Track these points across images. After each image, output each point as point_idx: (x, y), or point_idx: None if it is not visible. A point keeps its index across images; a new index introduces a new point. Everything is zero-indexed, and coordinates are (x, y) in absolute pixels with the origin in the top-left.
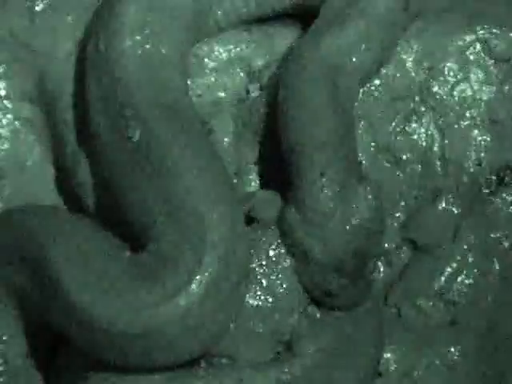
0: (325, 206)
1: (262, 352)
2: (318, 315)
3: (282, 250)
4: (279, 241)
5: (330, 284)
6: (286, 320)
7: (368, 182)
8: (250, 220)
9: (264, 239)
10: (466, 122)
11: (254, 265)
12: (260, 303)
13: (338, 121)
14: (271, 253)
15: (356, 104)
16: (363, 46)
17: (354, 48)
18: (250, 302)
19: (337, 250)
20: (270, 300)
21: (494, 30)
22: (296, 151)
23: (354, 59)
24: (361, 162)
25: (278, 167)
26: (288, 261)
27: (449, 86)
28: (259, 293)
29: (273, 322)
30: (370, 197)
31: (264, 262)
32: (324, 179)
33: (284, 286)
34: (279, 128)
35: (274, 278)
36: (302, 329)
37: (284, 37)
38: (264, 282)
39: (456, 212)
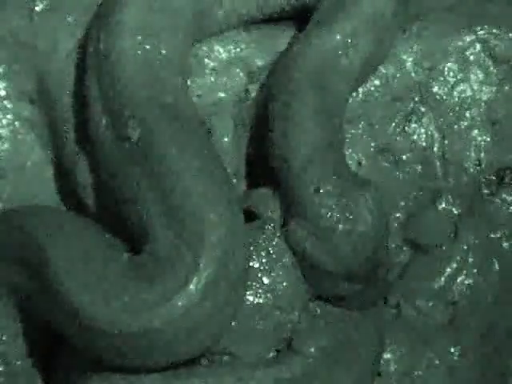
0: (326, 220)
1: (262, 349)
2: (319, 313)
3: (283, 247)
4: (279, 238)
5: (343, 290)
6: (287, 318)
7: (366, 188)
8: (250, 217)
9: (264, 236)
10: (466, 123)
11: (254, 262)
12: (260, 301)
13: (323, 134)
14: (271, 250)
15: (356, 104)
16: (351, 47)
17: (341, 50)
18: (251, 299)
19: (346, 260)
20: (271, 297)
21: (494, 30)
22: (284, 169)
23: (341, 61)
24: (360, 163)
25: None
26: (288, 258)
27: (449, 86)
28: (260, 290)
29: (273, 320)
30: (370, 203)
31: (264, 260)
32: (320, 195)
33: (284, 283)
34: (267, 142)
35: (274, 275)
36: (302, 326)
37: (284, 37)
38: (264, 279)
39: (456, 212)
